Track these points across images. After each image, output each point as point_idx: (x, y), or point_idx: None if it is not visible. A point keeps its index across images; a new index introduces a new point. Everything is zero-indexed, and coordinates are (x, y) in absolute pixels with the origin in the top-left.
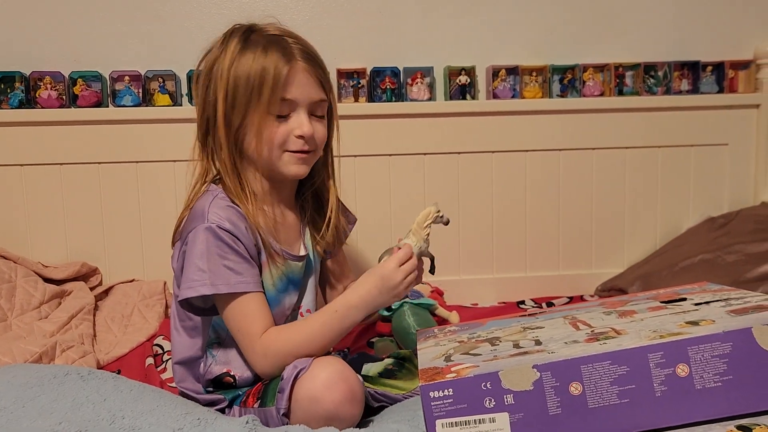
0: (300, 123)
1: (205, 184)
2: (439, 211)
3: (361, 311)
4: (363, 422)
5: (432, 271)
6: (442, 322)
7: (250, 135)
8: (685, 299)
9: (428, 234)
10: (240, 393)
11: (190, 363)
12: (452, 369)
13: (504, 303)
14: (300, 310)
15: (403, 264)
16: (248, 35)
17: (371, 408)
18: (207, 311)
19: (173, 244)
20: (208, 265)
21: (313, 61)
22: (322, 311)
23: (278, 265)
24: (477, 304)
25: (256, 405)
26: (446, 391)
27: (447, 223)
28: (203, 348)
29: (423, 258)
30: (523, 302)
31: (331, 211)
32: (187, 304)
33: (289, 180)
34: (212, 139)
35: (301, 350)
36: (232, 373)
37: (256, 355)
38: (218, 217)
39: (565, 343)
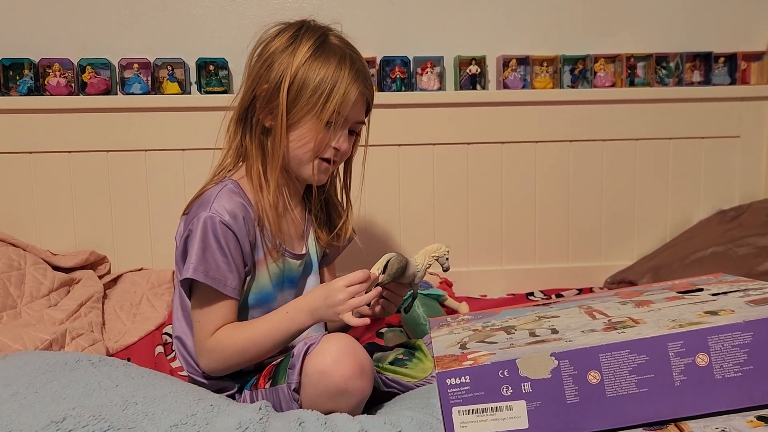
0: (340, 137)
1: (235, 168)
2: (448, 252)
3: (307, 316)
4: (375, 408)
5: (407, 310)
6: (451, 313)
7: (296, 131)
8: (702, 290)
9: (430, 265)
10: (249, 378)
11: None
12: (469, 357)
13: (513, 294)
14: None
15: (351, 286)
16: (323, 40)
17: (382, 394)
18: None
19: (183, 214)
20: (196, 252)
21: (370, 85)
22: (275, 312)
23: (275, 260)
24: (486, 296)
25: (267, 386)
26: (463, 378)
27: (446, 270)
28: None
29: (410, 285)
30: (532, 294)
31: (344, 226)
32: (188, 288)
33: (305, 181)
34: (254, 118)
35: (248, 349)
36: None
37: (205, 349)
38: (221, 208)
39: (582, 331)
